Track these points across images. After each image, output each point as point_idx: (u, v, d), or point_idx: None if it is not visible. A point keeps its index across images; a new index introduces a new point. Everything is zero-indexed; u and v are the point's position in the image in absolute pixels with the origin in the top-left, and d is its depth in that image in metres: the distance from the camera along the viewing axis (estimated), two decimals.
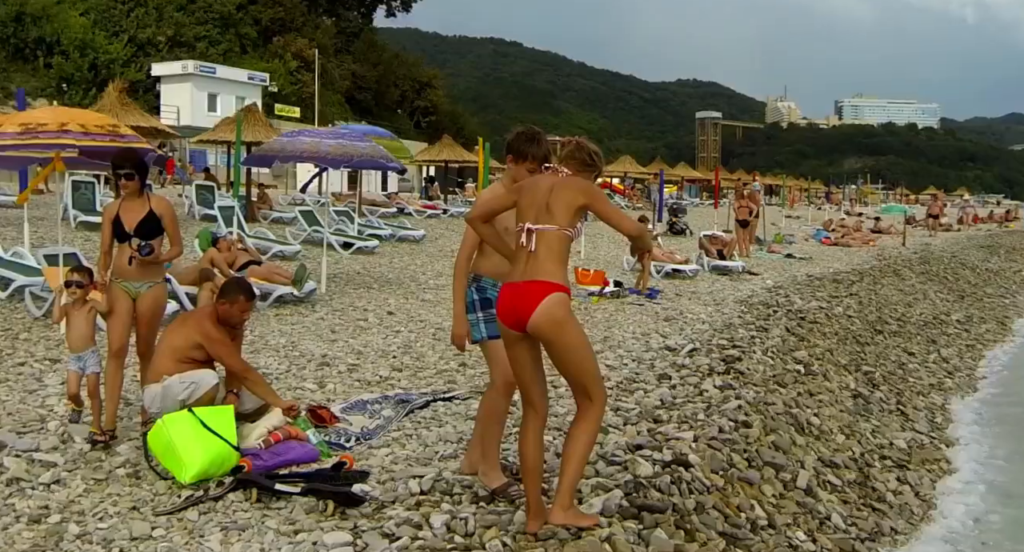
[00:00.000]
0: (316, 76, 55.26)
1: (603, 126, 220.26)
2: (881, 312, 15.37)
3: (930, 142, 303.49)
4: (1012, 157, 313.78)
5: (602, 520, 4.61)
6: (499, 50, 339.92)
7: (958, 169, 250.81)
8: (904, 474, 7.80)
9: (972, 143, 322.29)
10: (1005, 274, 28.47)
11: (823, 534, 5.87)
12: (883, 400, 10.07)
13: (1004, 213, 65.16)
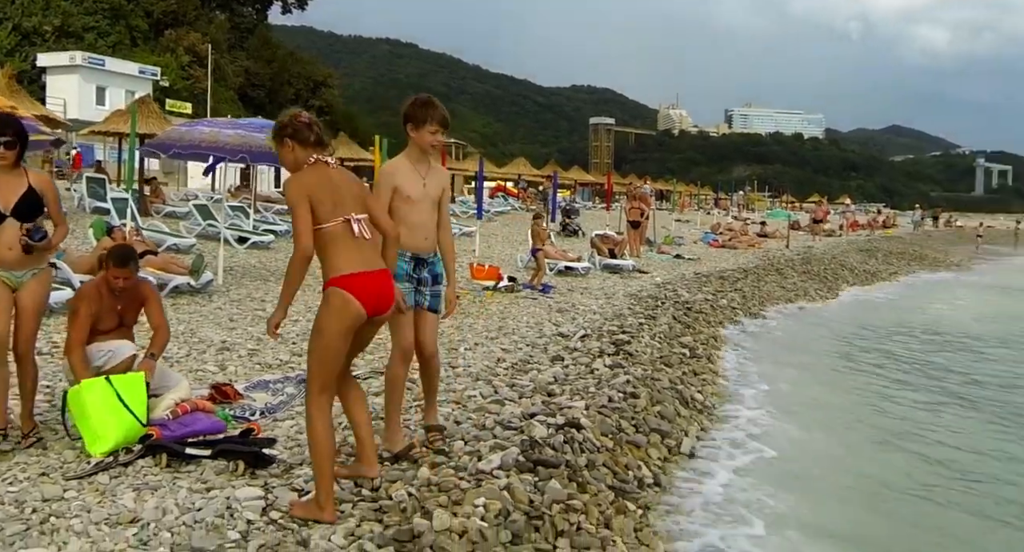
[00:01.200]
0: (209, 72, 54.55)
1: (498, 130, 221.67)
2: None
3: (815, 152, 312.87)
4: (892, 168, 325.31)
5: (500, 473, 4.93)
6: (395, 51, 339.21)
7: (842, 178, 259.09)
8: None
9: (855, 153, 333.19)
10: (882, 275, 29.88)
11: None
12: None
13: (883, 220, 68.21)
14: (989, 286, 32.14)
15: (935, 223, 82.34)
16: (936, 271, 37.18)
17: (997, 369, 13.93)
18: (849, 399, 10.96)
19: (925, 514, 6.96)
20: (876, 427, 9.58)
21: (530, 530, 4.40)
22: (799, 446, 8.18)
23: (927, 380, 12.70)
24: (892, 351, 15.12)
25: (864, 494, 7.25)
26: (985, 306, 23.93)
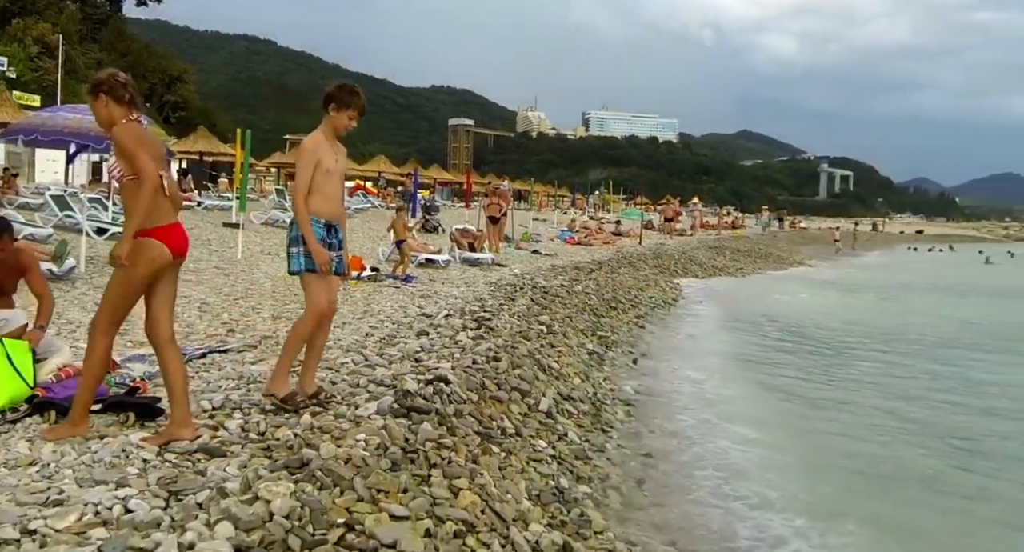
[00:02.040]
0: (59, 64, 52.75)
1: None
2: (616, 294, 16.91)
3: (669, 155, 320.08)
4: (742, 172, 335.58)
5: (376, 417, 5.43)
6: (252, 48, 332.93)
7: (694, 181, 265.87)
8: (629, 412, 9.05)
9: (707, 157, 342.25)
10: (729, 270, 31.40)
11: (562, 444, 6.94)
12: (614, 359, 11.40)
13: (731, 221, 71.39)
14: (826, 281, 34.20)
15: (781, 225, 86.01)
16: (781, 268, 39.25)
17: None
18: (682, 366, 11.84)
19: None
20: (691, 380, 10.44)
21: (407, 462, 4.92)
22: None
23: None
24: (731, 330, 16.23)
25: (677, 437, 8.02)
26: (821, 299, 25.61)
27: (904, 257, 61.74)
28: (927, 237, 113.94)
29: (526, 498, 5.46)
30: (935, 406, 11.29)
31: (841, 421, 10.18)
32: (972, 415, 10.89)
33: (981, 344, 17.56)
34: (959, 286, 35.51)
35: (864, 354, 15.68)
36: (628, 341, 13.25)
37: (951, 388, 12.56)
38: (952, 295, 30.88)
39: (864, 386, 12.45)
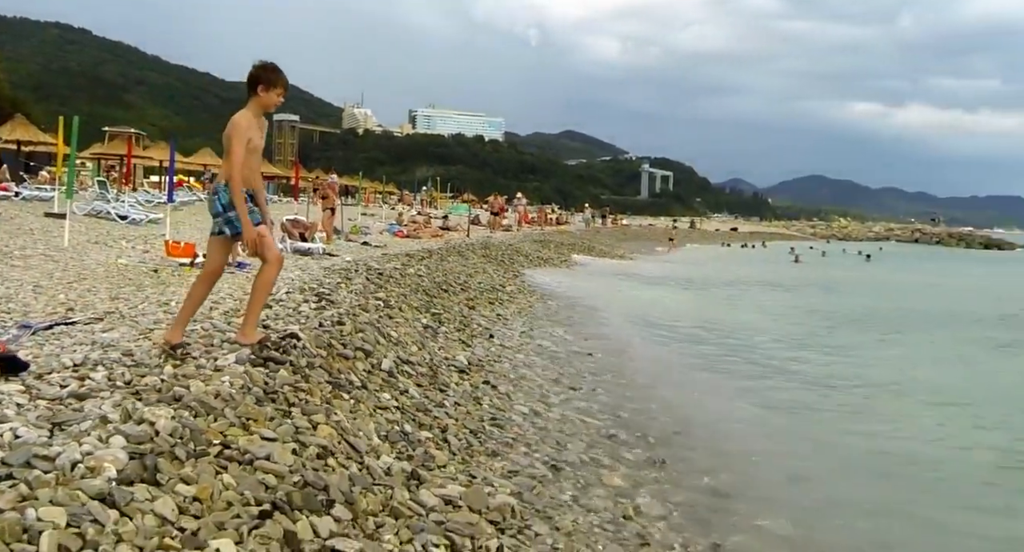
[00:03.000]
0: None
1: (177, 124, 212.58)
2: (446, 278, 17.62)
3: (495, 154, 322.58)
4: (566, 171, 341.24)
5: (237, 367, 5.93)
6: (65, 36, 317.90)
7: (520, 180, 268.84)
8: (463, 376, 9.78)
9: (533, 156, 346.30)
10: (554, 261, 32.57)
11: (404, 398, 7.58)
12: (447, 333, 12.10)
13: (556, 218, 73.62)
14: (654, 276, 35.96)
15: (604, 222, 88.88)
16: (602, 259, 41.04)
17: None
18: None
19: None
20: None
21: (268, 401, 5.46)
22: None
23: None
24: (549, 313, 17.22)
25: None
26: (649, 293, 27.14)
27: (721, 253, 64.76)
28: (741, 234, 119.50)
29: (376, 436, 6.07)
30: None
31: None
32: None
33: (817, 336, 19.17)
34: (783, 281, 38.21)
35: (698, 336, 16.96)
36: (459, 319, 13.94)
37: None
38: (777, 290, 33.22)
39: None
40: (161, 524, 3.62)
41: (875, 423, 11.27)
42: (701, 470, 8.38)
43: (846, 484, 8.46)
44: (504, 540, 5.00)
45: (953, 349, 18.81)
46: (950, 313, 26.97)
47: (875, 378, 14.64)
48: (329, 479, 4.64)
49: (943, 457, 9.81)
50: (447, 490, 5.53)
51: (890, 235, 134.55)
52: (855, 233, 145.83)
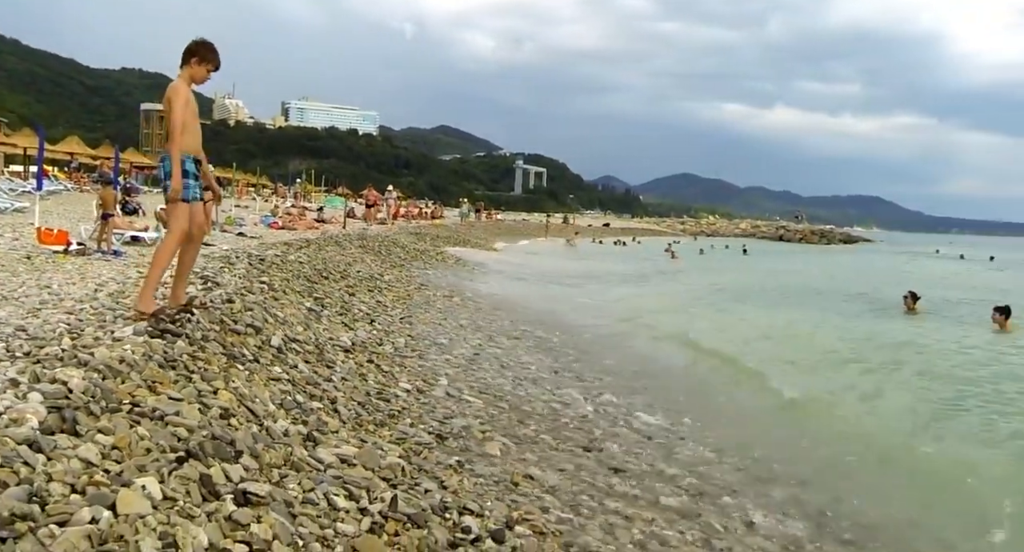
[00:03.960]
0: None
1: (39, 112, 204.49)
2: (326, 266, 17.85)
3: (370, 148, 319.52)
4: (440, 166, 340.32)
5: (136, 338, 6.17)
6: None
7: (395, 175, 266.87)
8: (348, 356, 10.11)
9: (407, 151, 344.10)
10: (430, 253, 32.93)
11: (295, 371, 7.89)
12: (330, 317, 12.38)
13: (431, 212, 74.23)
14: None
15: (478, 216, 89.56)
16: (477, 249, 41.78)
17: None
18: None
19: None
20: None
21: (169, 367, 5.72)
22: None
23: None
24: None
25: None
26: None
27: (598, 249, 65.92)
28: (613, 230, 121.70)
29: (271, 404, 6.38)
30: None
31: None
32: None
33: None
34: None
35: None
36: (340, 304, 14.21)
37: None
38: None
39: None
40: (87, 467, 3.90)
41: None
42: (580, 444, 8.96)
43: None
44: (398, 493, 5.37)
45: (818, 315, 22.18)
46: (811, 291, 29.69)
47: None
48: (235, 435, 4.95)
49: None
50: (342, 450, 5.89)
51: (756, 232, 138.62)
52: (723, 230, 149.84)
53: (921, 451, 9.28)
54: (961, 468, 8.49)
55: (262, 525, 4.03)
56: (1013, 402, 11.86)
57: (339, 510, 4.81)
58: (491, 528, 5.52)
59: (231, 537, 3.87)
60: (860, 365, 14.98)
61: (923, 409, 11.47)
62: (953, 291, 31.47)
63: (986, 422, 10.81)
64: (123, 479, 3.86)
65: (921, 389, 12.89)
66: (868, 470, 8.70)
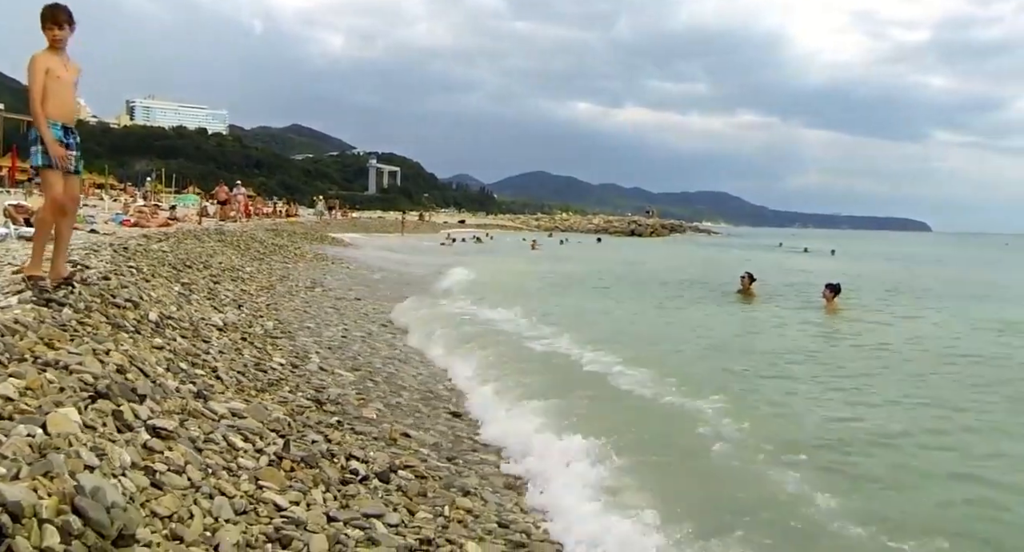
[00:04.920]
0: None
1: None
2: (188, 256, 17.85)
3: (220, 148, 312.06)
4: (293, 166, 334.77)
5: (25, 306, 6.34)
6: None
7: (246, 175, 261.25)
8: (222, 333, 10.34)
9: (258, 150, 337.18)
10: (288, 248, 32.94)
11: (175, 343, 8.11)
12: (199, 301, 12.53)
13: (285, 210, 73.81)
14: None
15: (331, 213, 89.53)
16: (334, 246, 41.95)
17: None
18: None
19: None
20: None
21: (60, 331, 5.92)
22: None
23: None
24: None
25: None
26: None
27: (450, 247, 66.46)
28: (469, 226, 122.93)
29: (159, 367, 6.62)
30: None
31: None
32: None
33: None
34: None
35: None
36: (207, 290, 14.35)
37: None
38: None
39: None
40: (7, 401, 4.15)
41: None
42: (450, 410, 9.48)
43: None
44: (289, 440, 5.74)
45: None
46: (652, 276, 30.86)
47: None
48: (135, 383, 5.23)
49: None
50: (231, 405, 6.21)
51: (609, 227, 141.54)
52: (577, 225, 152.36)
53: (666, 400, 9.85)
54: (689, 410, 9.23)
55: (174, 452, 4.36)
56: (775, 366, 12.68)
57: (238, 450, 5.17)
58: (376, 471, 5.94)
59: (149, 460, 4.19)
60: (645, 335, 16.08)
61: (697, 371, 11.95)
62: (789, 278, 32.53)
63: (745, 378, 11.70)
64: (44, 410, 4.13)
65: (704, 358, 13.57)
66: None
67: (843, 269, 40.56)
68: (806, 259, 56.34)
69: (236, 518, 4.27)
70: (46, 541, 3.02)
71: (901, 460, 7.56)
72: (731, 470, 7.05)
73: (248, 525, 4.30)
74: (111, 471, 3.77)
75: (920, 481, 7.04)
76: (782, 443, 7.86)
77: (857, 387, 11.18)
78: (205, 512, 4.12)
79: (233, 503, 4.38)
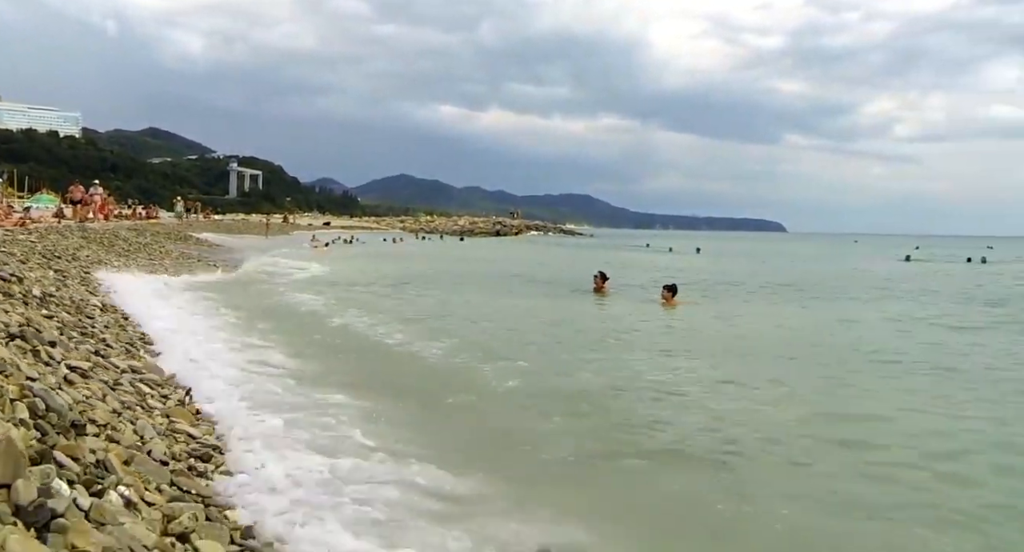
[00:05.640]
0: None
1: None
2: (55, 249, 17.74)
3: (72, 151, 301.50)
4: (151, 169, 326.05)
5: None
6: None
7: (102, 179, 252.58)
8: (103, 312, 10.48)
9: (114, 154, 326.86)
10: (152, 246, 32.70)
11: (64, 316, 8.27)
12: (74, 286, 12.60)
13: (146, 212, 72.38)
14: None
15: (188, 215, 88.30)
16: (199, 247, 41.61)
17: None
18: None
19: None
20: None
21: None
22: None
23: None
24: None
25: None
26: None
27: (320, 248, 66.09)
28: (335, 228, 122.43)
29: (54, 331, 6.83)
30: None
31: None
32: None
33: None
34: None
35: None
36: (80, 277, 14.34)
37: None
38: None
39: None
40: None
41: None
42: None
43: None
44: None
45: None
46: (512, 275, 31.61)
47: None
48: (43, 334, 5.48)
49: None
50: (132, 362, 6.48)
51: (474, 228, 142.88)
52: (442, 226, 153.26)
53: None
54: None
55: (92, 386, 4.67)
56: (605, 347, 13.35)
57: (145, 395, 5.48)
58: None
59: (72, 391, 4.49)
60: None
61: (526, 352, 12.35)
62: (651, 275, 32.87)
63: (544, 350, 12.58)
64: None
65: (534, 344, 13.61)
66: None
67: (707, 267, 42.31)
68: (673, 258, 58.22)
69: (159, 439, 4.61)
70: (19, 414, 3.34)
71: (630, 406, 8.67)
72: (469, 412, 7.97)
73: (171, 444, 4.65)
74: (48, 386, 4.07)
75: (640, 417, 8.18)
76: (539, 394, 8.88)
77: (637, 358, 12.12)
78: (132, 430, 4.45)
79: (155, 426, 4.72)
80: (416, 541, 4.55)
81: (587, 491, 5.97)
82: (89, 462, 3.42)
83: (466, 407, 8.24)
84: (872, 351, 13.63)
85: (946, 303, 23.42)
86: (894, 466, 6.69)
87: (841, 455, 7.05)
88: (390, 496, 5.13)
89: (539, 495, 5.59)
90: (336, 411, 7.22)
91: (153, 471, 4.00)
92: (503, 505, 5.31)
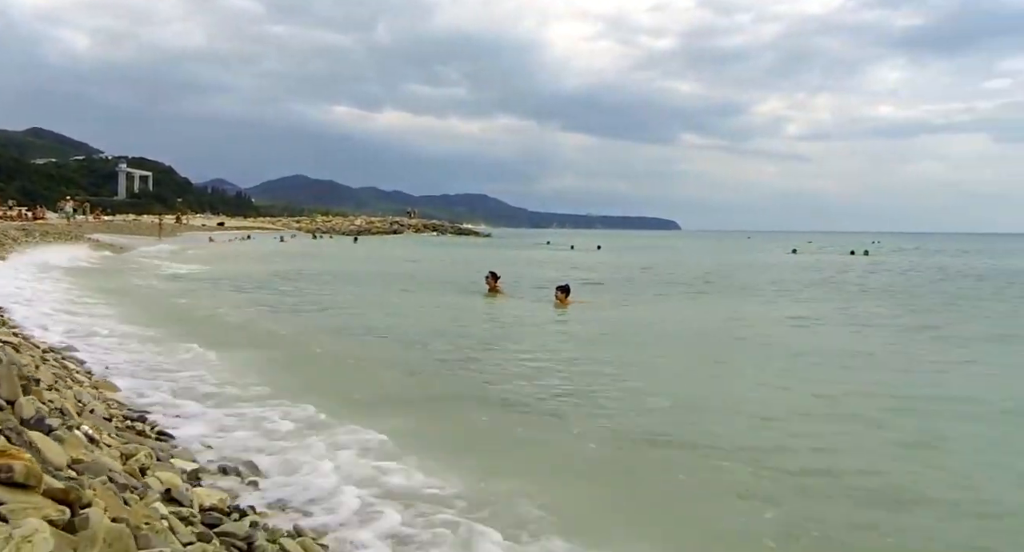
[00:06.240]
0: None
1: None
2: None
3: None
4: (35, 171, 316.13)
5: None
6: None
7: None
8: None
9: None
10: (46, 240, 32.33)
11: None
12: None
13: (33, 214, 70.67)
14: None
15: (78, 215, 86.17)
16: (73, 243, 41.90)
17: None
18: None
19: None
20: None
21: None
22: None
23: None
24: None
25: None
26: None
27: (225, 249, 65.28)
28: (229, 228, 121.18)
29: None
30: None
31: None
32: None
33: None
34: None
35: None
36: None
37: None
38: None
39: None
40: None
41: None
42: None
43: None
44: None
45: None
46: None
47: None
48: None
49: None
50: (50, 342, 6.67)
51: (371, 227, 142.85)
52: (339, 226, 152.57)
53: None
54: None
55: (24, 358, 4.90)
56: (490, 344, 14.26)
57: (70, 368, 5.70)
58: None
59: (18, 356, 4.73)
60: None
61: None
62: (560, 273, 33.66)
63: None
64: None
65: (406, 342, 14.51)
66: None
67: (607, 261, 43.69)
68: (575, 255, 59.71)
69: (96, 402, 4.88)
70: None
71: (514, 387, 10.07)
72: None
73: (107, 407, 4.92)
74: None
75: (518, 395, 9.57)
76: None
77: (508, 349, 13.38)
78: (72, 394, 4.71)
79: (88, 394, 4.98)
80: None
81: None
82: (53, 407, 3.68)
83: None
84: (740, 338, 15.84)
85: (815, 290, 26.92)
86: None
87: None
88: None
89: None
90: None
91: (101, 425, 4.27)
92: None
